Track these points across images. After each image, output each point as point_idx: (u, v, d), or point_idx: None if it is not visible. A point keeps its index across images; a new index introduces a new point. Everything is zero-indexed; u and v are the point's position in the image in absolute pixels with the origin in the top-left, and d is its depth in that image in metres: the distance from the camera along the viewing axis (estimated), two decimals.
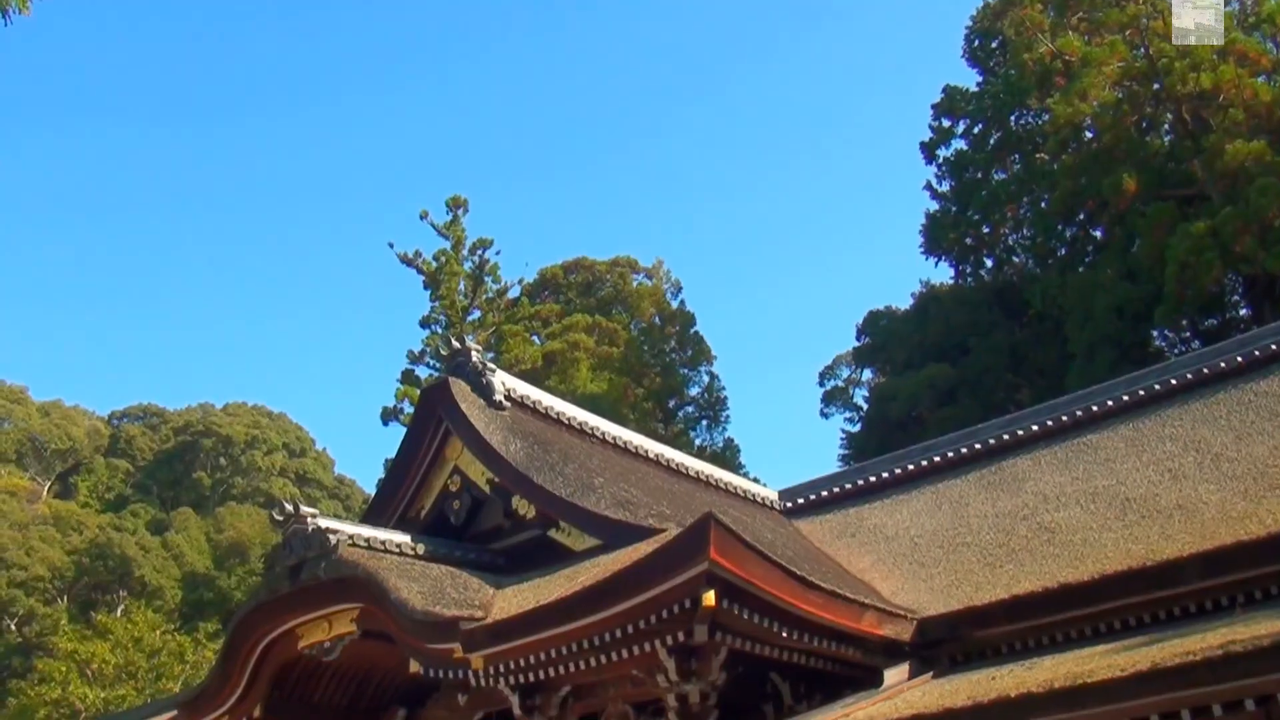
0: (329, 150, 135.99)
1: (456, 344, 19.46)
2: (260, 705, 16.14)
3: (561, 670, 13.75)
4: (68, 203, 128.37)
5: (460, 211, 53.31)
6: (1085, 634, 13.63)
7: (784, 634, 13.04)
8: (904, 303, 48.13)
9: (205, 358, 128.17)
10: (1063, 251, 41.32)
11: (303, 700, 16.66)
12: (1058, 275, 38.68)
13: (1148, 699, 9.39)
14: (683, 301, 55.88)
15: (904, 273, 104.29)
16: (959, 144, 45.54)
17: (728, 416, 52.88)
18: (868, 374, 48.85)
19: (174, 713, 17.26)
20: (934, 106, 46.08)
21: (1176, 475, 16.16)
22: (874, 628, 14.08)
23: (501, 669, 13.78)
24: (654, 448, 20.60)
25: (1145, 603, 13.37)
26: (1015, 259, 45.36)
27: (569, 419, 19.36)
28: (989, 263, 46.06)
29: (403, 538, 16.09)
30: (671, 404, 52.08)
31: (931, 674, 13.90)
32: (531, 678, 14.01)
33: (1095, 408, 19.24)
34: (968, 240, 45.10)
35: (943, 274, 47.79)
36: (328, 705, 16.96)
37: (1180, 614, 13.09)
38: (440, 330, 50.82)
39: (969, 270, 46.16)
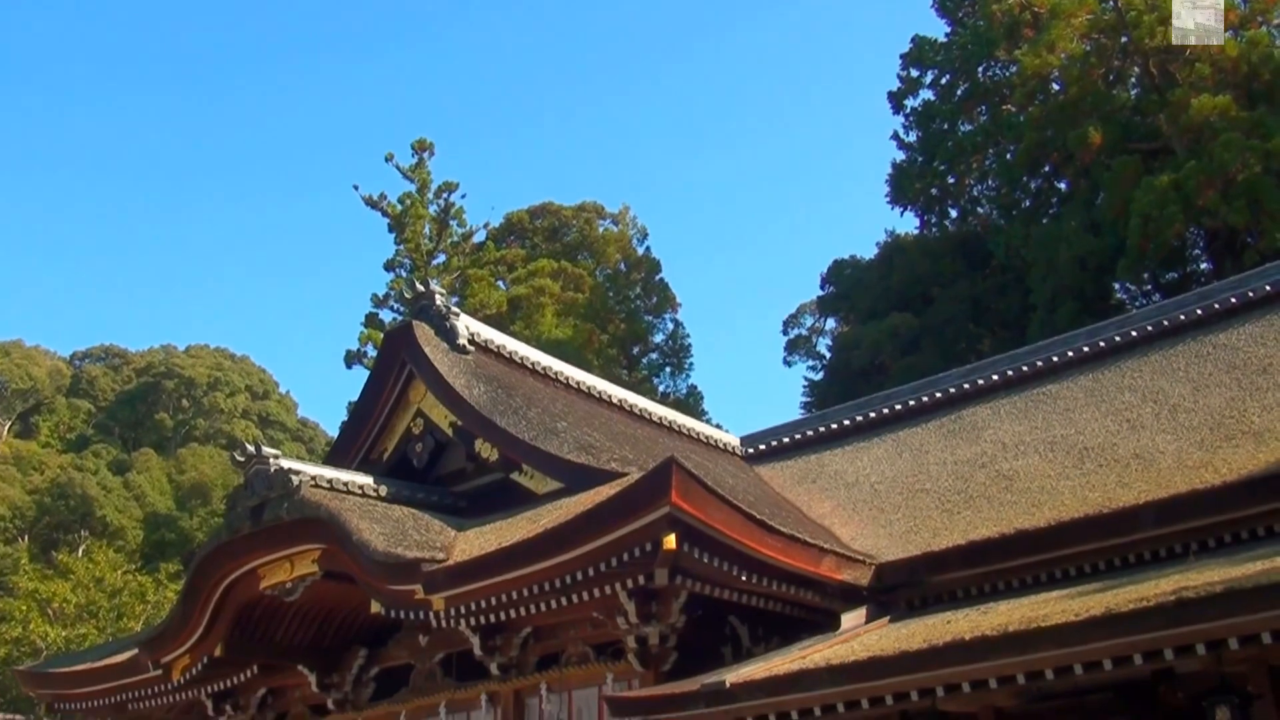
0: (295, 94, 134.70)
1: (421, 288, 19.36)
2: (221, 644, 16.18)
3: (522, 612, 13.84)
4: (30, 146, 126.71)
5: (426, 155, 52.72)
6: (1041, 580, 13.80)
7: (743, 578, 13.15)
8: (869, 252, 48.21)
9: (168, 299, 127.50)
10: (1027, 203, 41.35)
11: (264, 639, 16.69)
12: (1022, 227, 38.73)
13: (1101, 643, 9.50)
14: (648, 248, 55.84)
15: (869, 222, 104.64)
16: (927, 95, 45.34)
17: (691, 363, 53.12)
18: (831, 323, 48.95)
19: (135, 651, 17.27)
20: (903, 57, 45.81)
21: (1134, 425, 16.33)
22: (832, 572, 14.20)
23: (462, 610, 13.85)
24: (617, 393, 20.64)
25: (1101, 549, 13.56)
26: (980, 210, 45.37)
27: (533, 364, 19.35)
28: (954, 213, 46.05)
29: (365, 479, 16.11)
30: (636, 350, 52.13)
31: (888, 618, 14.03)
32: (492, 619, 14.11)
33: (1055, 358, 19.38)
34: (933, 191, 45.06)
35: (908, 224, 48.07)
36: (289, 644, 17.00)
37: (1135, 561, 13.27)
38: (405, 274, 50.51)
39: (934, 221, 46.16)
